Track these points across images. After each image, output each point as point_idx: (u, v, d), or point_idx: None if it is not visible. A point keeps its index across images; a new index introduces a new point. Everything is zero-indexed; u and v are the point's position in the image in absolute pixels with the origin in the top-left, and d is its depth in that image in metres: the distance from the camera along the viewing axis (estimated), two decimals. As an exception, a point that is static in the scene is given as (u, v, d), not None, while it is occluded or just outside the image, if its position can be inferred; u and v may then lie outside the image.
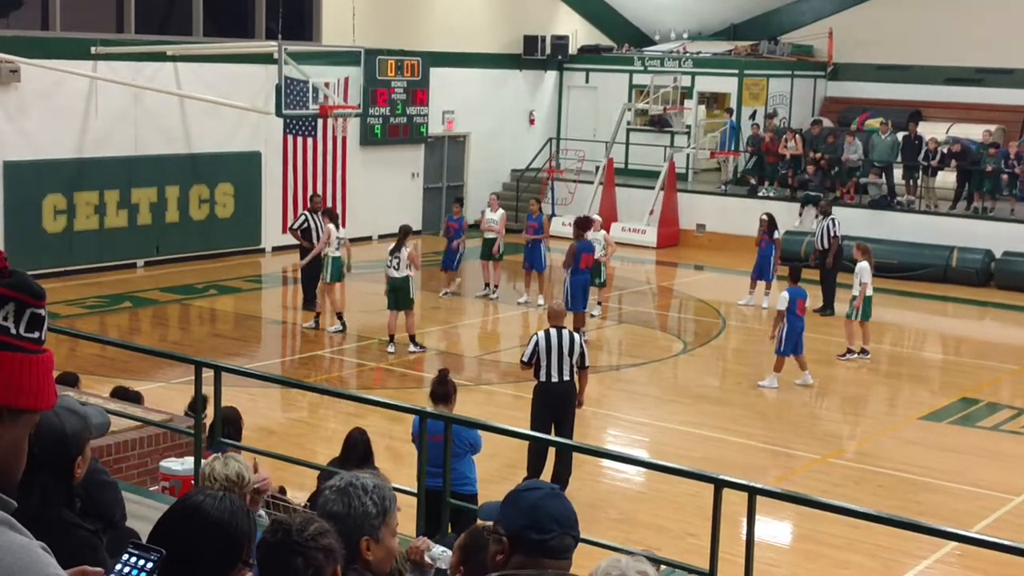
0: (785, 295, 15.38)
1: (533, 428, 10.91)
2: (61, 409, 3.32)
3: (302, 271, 18.56)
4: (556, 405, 11.23)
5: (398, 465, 10.24)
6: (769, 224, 19.92)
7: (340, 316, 17.31)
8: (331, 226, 17.38)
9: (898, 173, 25.15)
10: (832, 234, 20.23)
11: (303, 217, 18.73)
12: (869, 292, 16.69)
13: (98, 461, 3.79)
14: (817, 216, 20.94)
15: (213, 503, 2.69)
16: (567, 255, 16.99)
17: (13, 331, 1.89)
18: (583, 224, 17.78)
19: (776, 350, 15.37)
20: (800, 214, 24.99)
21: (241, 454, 6.10)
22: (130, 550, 2.28)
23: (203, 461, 4.86)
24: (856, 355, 16.83)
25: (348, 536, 3.19)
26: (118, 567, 2.26)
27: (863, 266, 16.69)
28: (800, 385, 15.40)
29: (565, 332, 11.35)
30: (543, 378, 11.23)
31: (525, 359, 11.34)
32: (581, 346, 11.38)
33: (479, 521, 4.51)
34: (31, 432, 1.96)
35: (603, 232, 19.24)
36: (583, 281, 17.07)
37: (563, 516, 2.97)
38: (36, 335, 1.92)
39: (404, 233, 16.50)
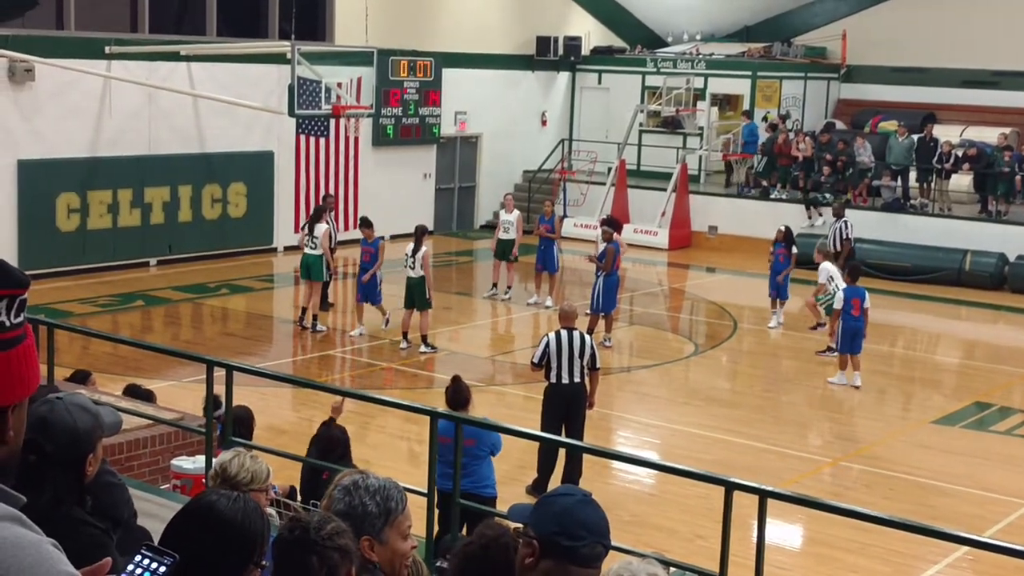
0: (840, 295, 15.48)
1: (543, 429, 10.91)
2: (73, 406, 3.33)
3: None
4: (566, 406, 11.22)
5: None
6: (786, 237, 18.73)
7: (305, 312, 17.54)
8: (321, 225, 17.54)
9: (912, 176, 25.07)
10: (844, 236, 20.19)
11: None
12: (831, 289, 16.79)
13: (107, 462, 3.79)
14: (820, 215, 20.91)
15: (227, 503, 2.69)
16: (608, 258, 16.91)
17: (8, 324, 1.87)
18: (617, 225, 17.78)
19: (837, 349, 15.63)
20: (809, 217, 24.93)
21: (251, 452, 6.10)
22: (143, 552, 2.26)
23: (224, 455, 4.86)
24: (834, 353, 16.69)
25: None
26: (130, 568, 2.23)
27: (826, 266, 16.87)
28: (838, 384, 15.44)
29: (576, 333, 11.34)
30: (553, 379, 11.23)
31: (535, 361, 11.34)
32: (592, 347, 11.37)
33: (506, 523, 4.46)
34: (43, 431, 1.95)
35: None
36: (616, 282, 17.20)
37: (594, 524, 2.91)
38: (21, 319, 1.89)
39: (421, 233, 16.52)
